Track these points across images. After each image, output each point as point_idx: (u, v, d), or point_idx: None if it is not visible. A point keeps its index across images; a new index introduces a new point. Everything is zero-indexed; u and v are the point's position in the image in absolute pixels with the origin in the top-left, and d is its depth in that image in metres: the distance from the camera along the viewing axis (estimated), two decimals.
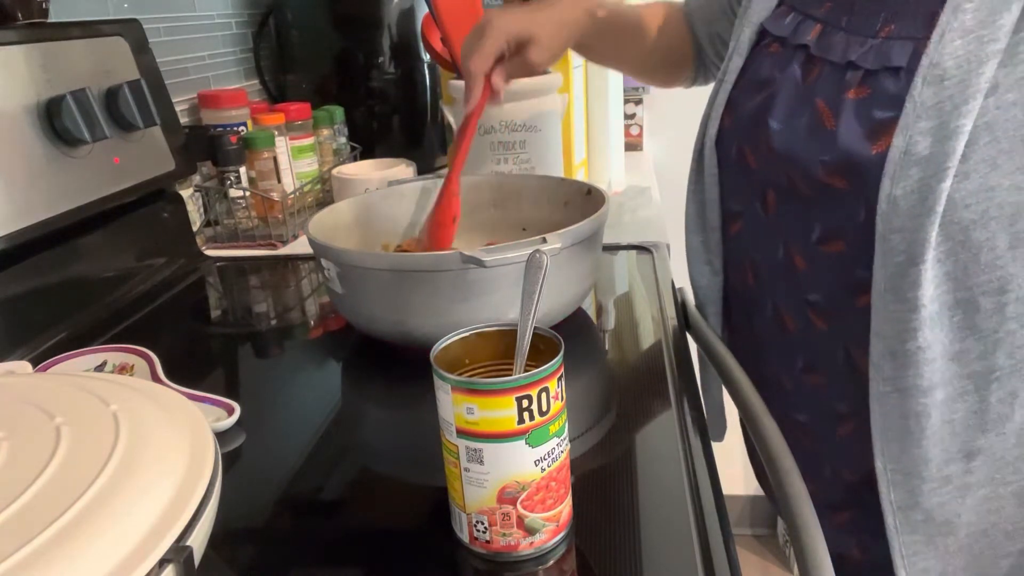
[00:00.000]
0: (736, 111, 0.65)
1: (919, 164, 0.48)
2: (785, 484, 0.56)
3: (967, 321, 0.50)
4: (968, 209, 0.48)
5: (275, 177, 1.11)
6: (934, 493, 0.54)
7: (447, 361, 0.46)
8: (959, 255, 0.49)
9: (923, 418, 0.52)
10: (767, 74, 0.61)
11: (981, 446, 0.53)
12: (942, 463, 0.53)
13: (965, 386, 0.52)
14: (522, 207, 0.87)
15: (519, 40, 0.74)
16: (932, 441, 0.53)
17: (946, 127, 0.47)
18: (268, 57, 1.40)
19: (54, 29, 0.84)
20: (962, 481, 0.54)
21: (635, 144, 1.62)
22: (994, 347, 0.51)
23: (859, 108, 0.53)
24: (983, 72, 0.46)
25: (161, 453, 0.39)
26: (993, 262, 0.49)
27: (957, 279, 0.50)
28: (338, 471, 0.55)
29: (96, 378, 0.49)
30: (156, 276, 0.95)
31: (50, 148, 0.79)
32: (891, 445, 0.54)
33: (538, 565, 0.45)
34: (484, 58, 0.73)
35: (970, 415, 0.52)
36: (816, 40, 0.57)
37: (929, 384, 0.51)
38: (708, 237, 0.71)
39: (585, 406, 0.62)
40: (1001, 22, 0.46)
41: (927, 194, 0.48)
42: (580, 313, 0.78)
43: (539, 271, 0.47)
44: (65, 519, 0.34)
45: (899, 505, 0.55)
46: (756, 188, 0.63)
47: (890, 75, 0.51)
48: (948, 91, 0.47)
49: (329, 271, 0.69)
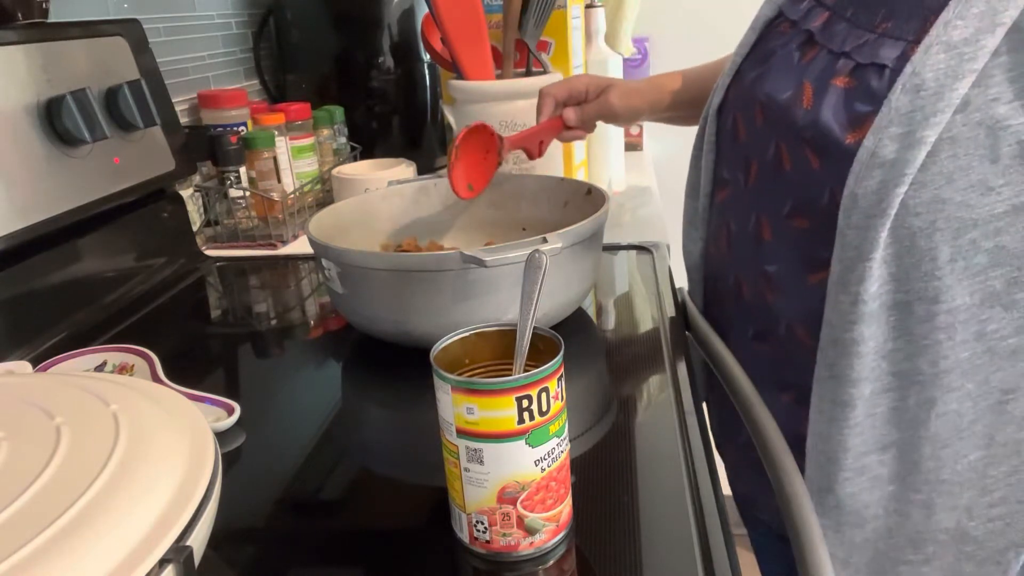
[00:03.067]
0: (740, 83, 0.67)
1: (882, 167, 0.49)
2: (785, 484, 0.56)
3: (901, 323, 0.52)
4: (918, 217, 0.49)
5: (275, 177, 1.11)
6: (848, 482, 0.56)
7: (447, 361, 0.46)
8: (903, 259, 0.51)
9: (848, 408, 0.54)
10: (771, 49, 0.64)
11: (895, 440, 0.55)
12: (860, 454, 0.55)
13: (890, 383, 0.54)
14: (522, 207, 0.87)
15: (598, 87, 0.87)
16: (854, 431, 0.55)
17: (912, 135, 0.48)
18: (268, 57, 1.40)
19: (54, 29, 0.84)
20: (875, 473, 0.56)
21: (635, 144, 1.62)
22: (920, 352, 0.52)
23: (843, 96, 0.54)
24: (957, 88, 0.47)
25: (161, 453, 0.39)
26: (932, 272, 0.50)
27: (899, 281, 0.51)
28: (338, 471, 0.55)
29: (96, 378, 0.49)
30: (156, 276, 0.95)
31: (50, 148, 0.80)
32: (821, 427, 0.56)
33: (538, 565, 0.45)
34: (558, 87, 0.87)
35: (890, 411, 0.54)
36: (821, 28, 0.59)
37: (859, 376, 0.53)
38: (699, 203, 0.73)
39: (585, 406, 0.62)
40: (984, 43, 0.47)
41: (883, 196, 0.49)
42: (580, 313, 0.78)
43: (539, 271, 0.47)
44: (65, 519, 0.34)
45: (817, 486, 0.57)
46: (741, 158, 0.65)
47: (875, 72, 0.53)
48: (922, 101, 0.48)
49: (329, 271, 0.69)
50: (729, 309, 0.69)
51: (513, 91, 0.99)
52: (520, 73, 1.06)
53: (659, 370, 0.66)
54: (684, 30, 1.69)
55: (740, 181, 0.66)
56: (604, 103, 0.86)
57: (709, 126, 0.70)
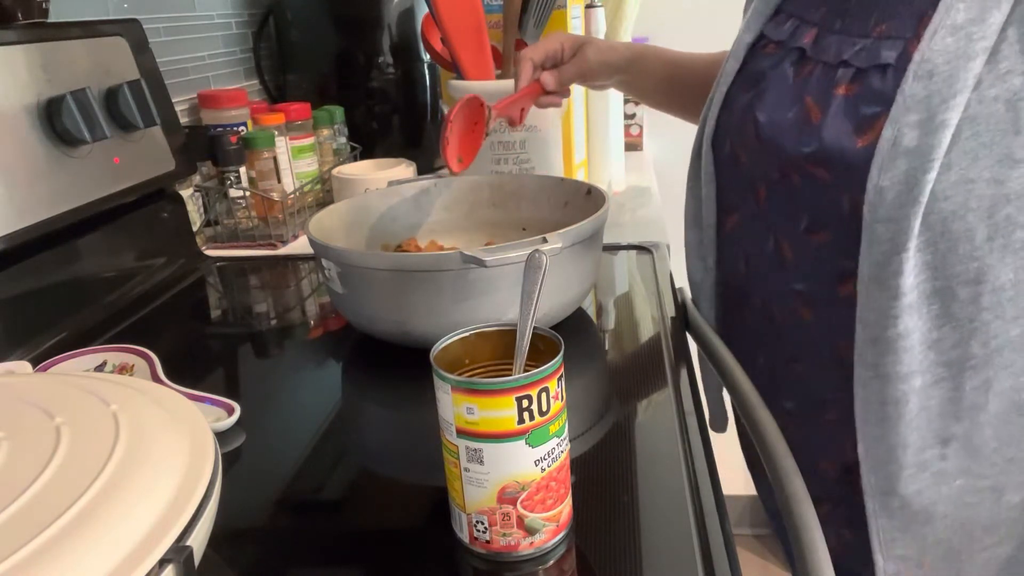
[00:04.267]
0: (731, 110, 0.66)
1: (906, 155, 0.49)
2: (785, 484, 0.56)
3: (944, 310, 0.51)
4: (948, 201, 0.49)
5: (275, 177, 1.11)
6: (911, 480, 0.55)
7: (447, 361, 0.46)
8: (938, 245, 0.50)
9: (901, 404, 0.53)
10: (760, 71, 0.63)
11: (956, 433, 0.54)
12: (919, 449, 0.54)
13: (941, 373, 0.53)
14: (522, 207, 0.87)
15: (574, 45, 0.85)
16: (910, 427, 0.54)
17: (933, 120, 0.48)
18: (268, 57, 1.40)
19: (54, 29, 0.84)
20: (938, 468, 0.55)
21: (635, 144, 1.62)
22: (969, 336, 0.52)
23: (848, 104, 0.54)
24: (971, 68, 0.47)
25: (161, 453, 0.39)
26: (970, 253, 0.50)
27: (936, 268, 0.51)
28: (338, 471, 0.55)
29: (96, 378, 0.49)
30: (156, 276, 0.95)
31: (50, 148, 0.79)
32: (872, 429, 0.55)
33: (538, 565, 0.45)
34: (535, 49, 0.85)
35: (945, 402, 0.54)
36: (812, 44, 0.59)
37: (908, 371, 0.52)
38: (703, 234, 0.72)
39: (585, 406, 0.62)
40: (991, 20, 0.47)
41: (912, 185, 0.49)
42: (580, 313, 0.78)
43: (538, 271, 0.47)
44: (65, 519, 0.34)
45: (878, 490, 0.56)
46: (747, 183, 0.65)
47: (878, 72, 0.53)
48: (936, 85, 0.48)
49: (330, 271, 0.69)
50: (760, 332, 0.68)
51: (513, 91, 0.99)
52: None
53: (659, 370, 0.66)
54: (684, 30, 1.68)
55: (750, 204, 0.65)
56: (580, 61, 0.85)
57: (705, 156, 0.69)
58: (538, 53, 0.86)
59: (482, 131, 0.83)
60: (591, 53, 0.85)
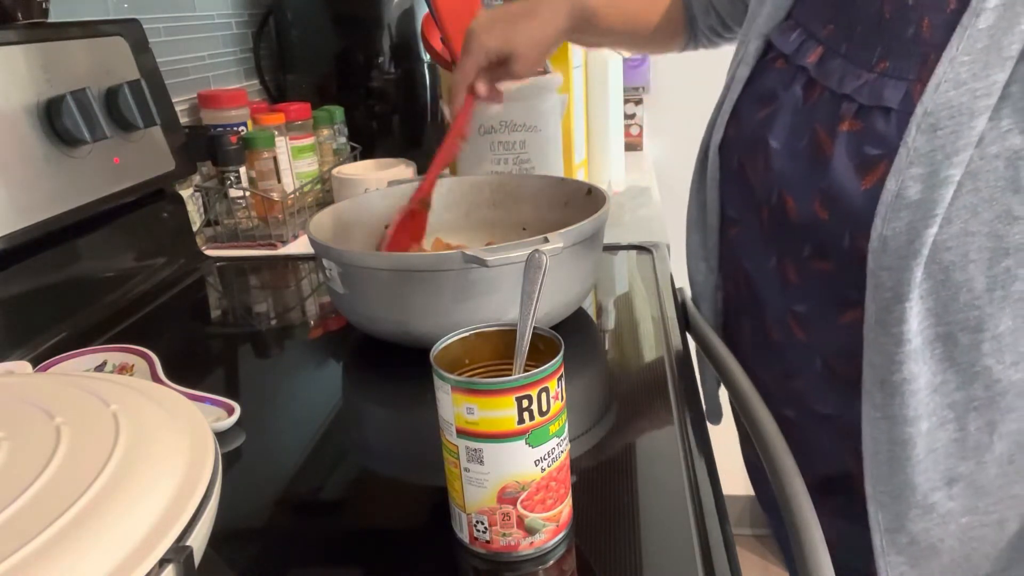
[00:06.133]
0: (740, 122, 0.65)
1: (909, 208, 0.49)
2: (785, 484, 0.56)
3: (947, 354, 0.52)
4: (949, 251, 0.49)
5: (275, 177, 1.11)
6: (919, 519, 0.56)
7: (447, 361, 0.46)
8: (940, 293, 0.51)
9: (909, 446, 0.54)
10: (771, 89, 0.62)
11: (962, 473, 0.54)
12: (927, 491, 0.55)
13: (946, 415, 0.53)
14: (522, 207, 0.87)
15: (500, 56, 0.77)
16: (917, 469, 0.54)
17: (936, 175, 0.48)
18: (268, 57, 1.40)
19: (54, 29, 0.84)
20: (945, 508, 0.55)
21: (635, 144, 1.62)
22: (972, 379, 0.52)
23: (851, 142, 0.54)
24: (974, 125, 0.47)
25: (161, 453, 0.39)
26: (971, 302, 0.50)
27: (938, 315, 0.51)
28: (338, 471, 0.55)
29: (96, 378, 0.49)
30: (156, 276, 0.95)
31: (50, 148, 0.79)
32: (880, 468, 0.55)
33: (538, 565, 0.45)
34: (465, 74, 0.78)
35: (951, 443, 0.54)
36: (816, 64, 0.58)
37: (914, 414, 0.53)
38: (707, 237, 0.72)
39: (585, 406, 0.62)
40: (994, 79, 0.47)
41: (914, 237, 0.49)
42: (580, 313, 0.78)
43: (538, 271, 0.47)
44: (65, 519, 0.34)
45: (886, 527, 0.57)
46: (752, 202, 0.64)
47: (881, 114, 0.52)
48: (940, 140, 0.48)
49: (330, 271, 0.69)
50: (756, 345, 0.69)
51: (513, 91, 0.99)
52: None
53: (659, 370, 0.66)
54: None
55: (752, 222, 0.65)
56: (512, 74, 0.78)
57: (711, 163, 0.69)
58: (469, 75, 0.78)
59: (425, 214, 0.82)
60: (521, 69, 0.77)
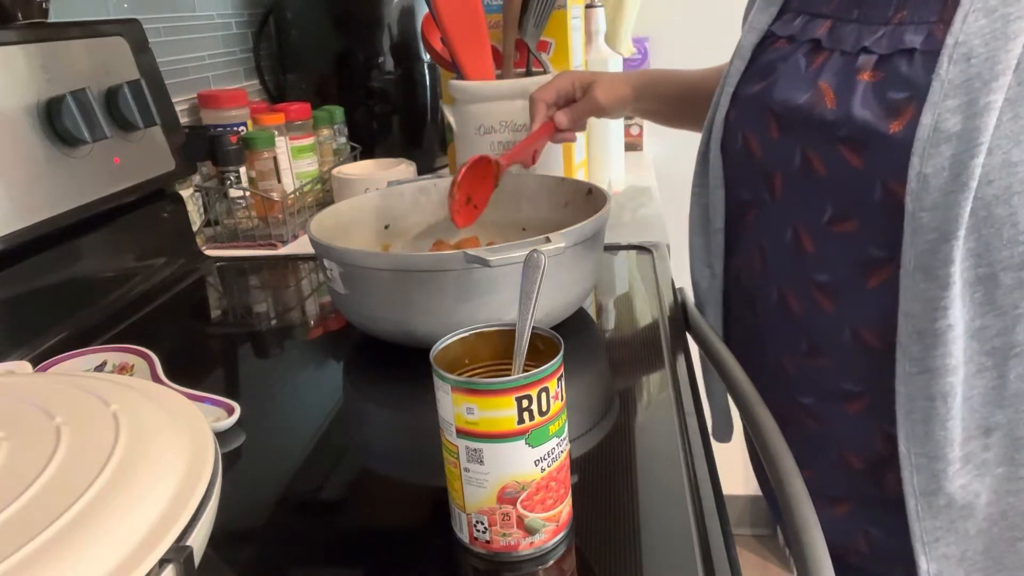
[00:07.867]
0: (739, 104, 0.65)
1: (949, 141, 0.48)
2: (785, 484, 0.56)
3: (988, 297, 0.50)
4: (991, 185, 0.48)
5: (275, 177, 1.11)
6: (957, 475, 0.54)
7: (447, 361, 0.46)
8: (981, 231, 0.49)
9: (949, 398, 0.52)
10: (770, 63, 0.62)
11: (999, 422, 0.53)
12: (963, 441, 0.53)
13: (984, 363, 0.52)
14: (522, 207, 0.87)
15: (583, 84, 0.87)
16: (956, 421, 0.53)
17: (976, 104, 0.47)
18: (268, 57, 1.40)
19: (54, 29, 0.84)
20: (981, 459, 0.54)
21: (635, 144, 1.62)
22: (1014, 323, 0.51)
23: (874, 88, 0.53)
24: (1011, 49, 0.46)
25: (161, 453, 0.39)
26: (1015, 237, 0.49)
27: (979, 255, 0.50)
28: (338, 471, 0.55)
29: (96, 378, 0.49)
30: (156, 276, 0.95)
31: (50, 148, 0.79)
32: (916, 427, 0.54)
33: (538, 565, 0.45)
34: (546, 90, 0.88)
35: (988, 391, 0.53)
36: (827, 34, 0.58)
37: (956, 363, 0.51)
38: (710, 239, 0.72)
39: (585, 406, 0.62)
40: None
41: (960, 171, 0.48)
42: (580, 313, 0.78)
43: (537, 271, 0.47)
44: (65, 519, 0.34)
45: (922, 490, 0.55)
46: (761, 175, 0.64)
47: (903, 57, 0.52)
48: (976, 68, 0.47)
49: (331, 271, 0.69)
50: (774, 327, 0.67)
51: (513, 91, 0.99)
52: (520, 73, 1.06)
53: (659, 370, 0.66)
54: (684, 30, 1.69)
55: (765, 197, 0.64)
56: (591, 100, 0.86)
57: (713, 160, 0.68)
58: (549, 93, 0.87)
59: (492, 184, 0.83)
60: (600, 93, 0.86)
